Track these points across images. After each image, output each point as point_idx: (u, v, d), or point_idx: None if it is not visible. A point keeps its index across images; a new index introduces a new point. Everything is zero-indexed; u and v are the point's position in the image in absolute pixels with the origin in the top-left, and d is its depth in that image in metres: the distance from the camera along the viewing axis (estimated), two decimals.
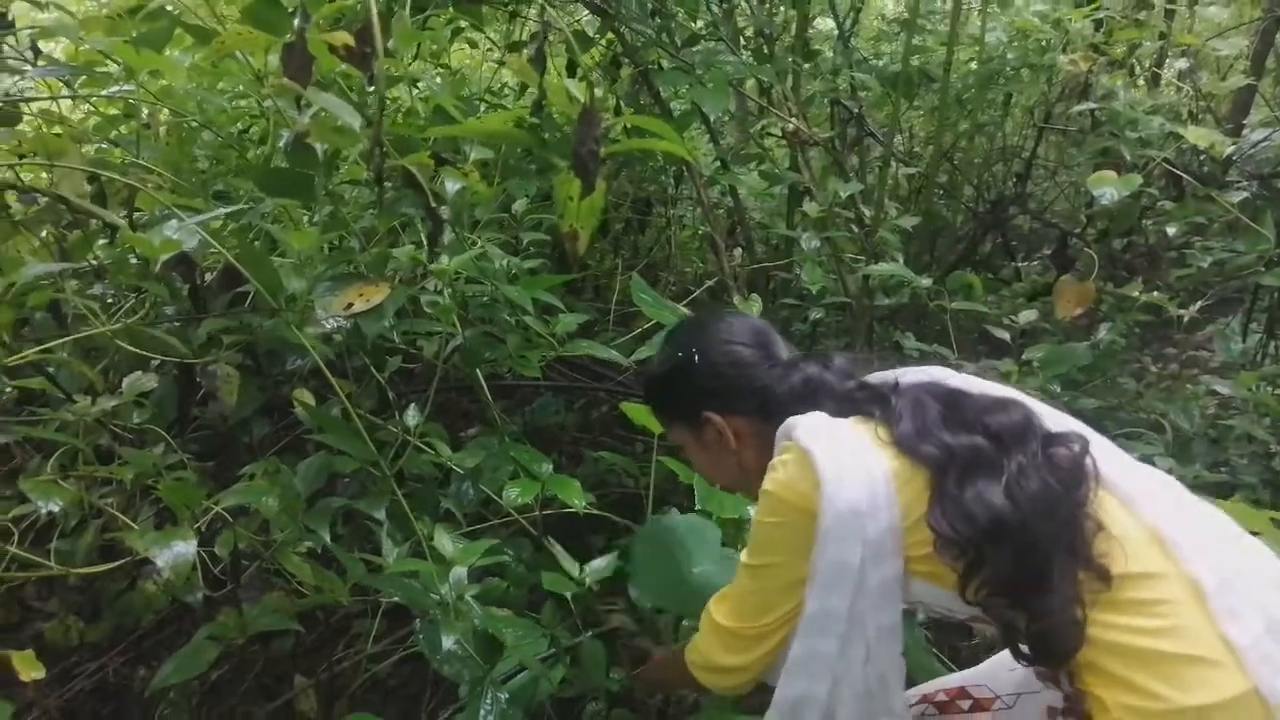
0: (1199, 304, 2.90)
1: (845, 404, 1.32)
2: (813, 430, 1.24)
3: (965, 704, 1.49)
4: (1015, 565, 1.11)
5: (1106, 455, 1.23)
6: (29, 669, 1.15)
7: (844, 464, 1.19)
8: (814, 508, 1.19)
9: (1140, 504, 1.18)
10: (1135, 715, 1.08)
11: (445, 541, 1.57)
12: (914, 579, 1.23)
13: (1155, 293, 2.85)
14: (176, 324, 1.76)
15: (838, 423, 1.27)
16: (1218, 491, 2.42)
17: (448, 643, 1.54)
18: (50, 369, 1.59)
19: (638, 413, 2.02)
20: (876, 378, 1.38)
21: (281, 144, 1.41)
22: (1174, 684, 1.06)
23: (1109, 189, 2.66)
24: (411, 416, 1.66)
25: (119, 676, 1.97)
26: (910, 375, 1.35)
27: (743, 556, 1.32)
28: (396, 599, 1.76)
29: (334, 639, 2.34)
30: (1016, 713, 1.41)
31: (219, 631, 1.46)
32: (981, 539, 1.11)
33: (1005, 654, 1.45)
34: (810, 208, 2.78)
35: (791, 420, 1.28)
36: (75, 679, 1.94)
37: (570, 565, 1.90)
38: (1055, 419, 1.26)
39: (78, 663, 1.94)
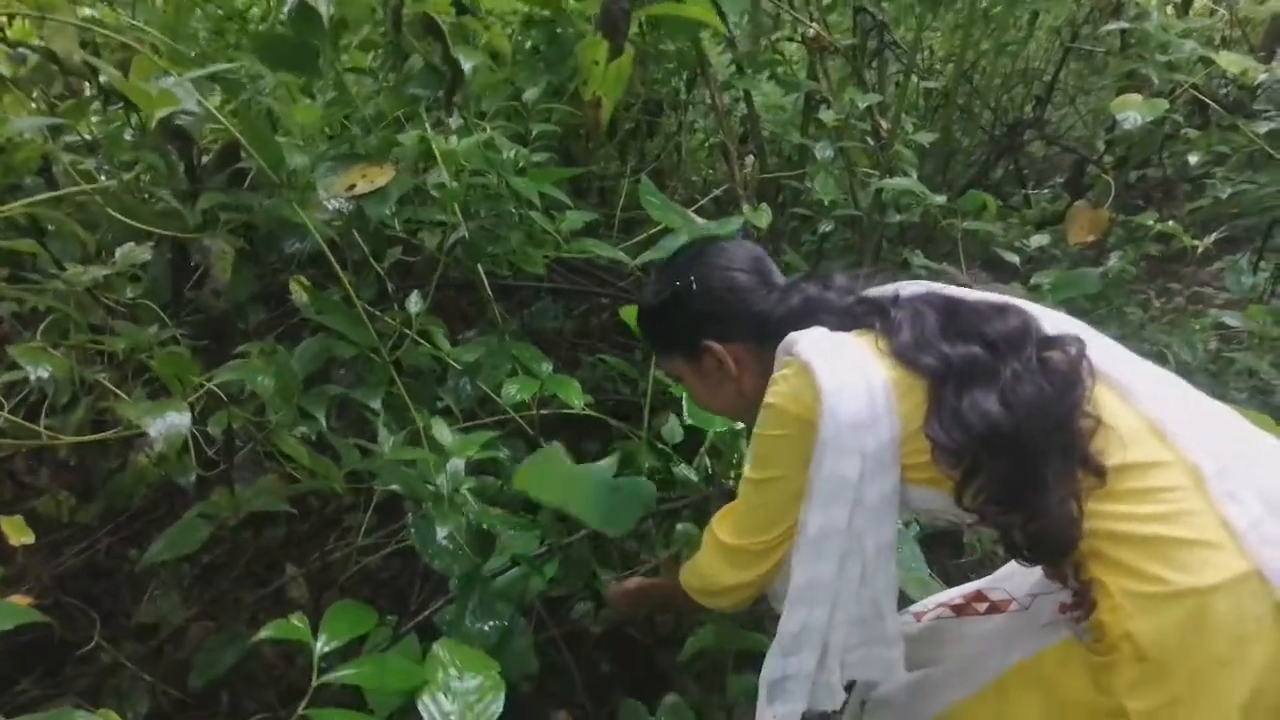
0: (1213, 236, 2.85)
1: (845, 319, 1.32)
2: (813, 344, 1.25)
3: (981, 606, 1.51)
4: (1011, 471, 1.13)
5: (1104, 351, 1.24)
6: (18, 534, 1.13)
7: (844, 376, 1.19)
8: (815, 419, 1.20)
9: (1138, 395, 1.20)
10: (1136, 599, 1.10)
11: (444, 432, 1.55)
12: (911, 486, 1.24)
13: (1171, 223, 2.80)
14: (172, 202, 1.70)
15: (838, 336, 1.28)
16: None
17: (440, 534, 1.53)
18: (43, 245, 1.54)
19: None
20: (875, 291, 1.38)
21: (286, 8, 1.34)
22: (1175, 567, 1.09)
23: (1133, 113, 2.58)
24: (414, 303, 1.62)
25: (111, 556, 1.97)
26: (909, 287, 1.35)
27: (746, 472, 1.33)
28: (389, 492, 1.75)
29: (326, 530, 2.35)
30: (1032, 613, 1.42)
31: (211, 510, 1.44)
32: (978, 447, 1.13)
33: None
34: (826, 115, 2.70)
35: (792, 336, 1.28)
36: (71, 550, 1.94)
37: None
38: (1053, 321, 1.26)
39: (69, 539, 1.94)
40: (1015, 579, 1.49)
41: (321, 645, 1.21)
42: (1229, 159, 3.18)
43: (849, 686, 1.39)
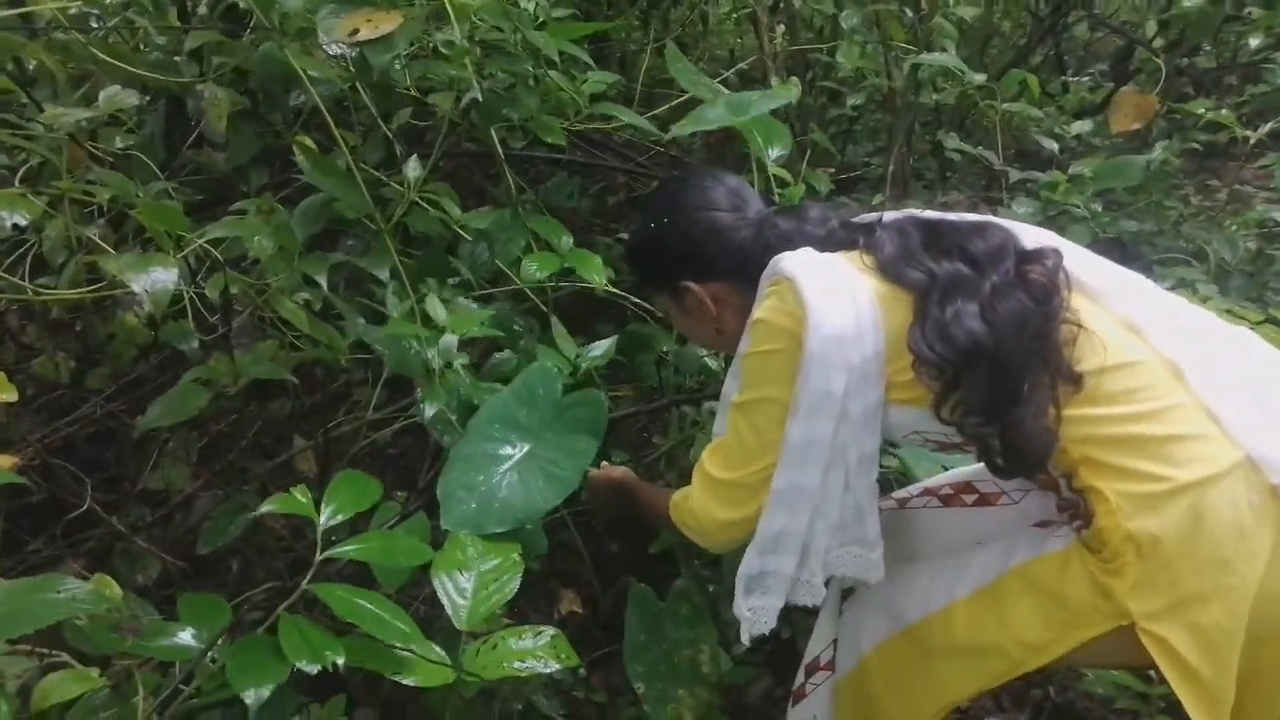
0: (1267, 127, 2.69)
1: (827, 244, 1.32)
2: (800, 261, 1.25)
3: (970, 498, 1.50)
4: (990, 383, 1.14)
5: (1079, 259, 1.27)
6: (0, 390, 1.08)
7: (830, 291, 1.20)
8: (802, 333, 1.20)
9: (1111, 298, 1.22)
10: (1133, 500, 1.11)
11: (436, 306, 1.47)
12: (892, 406, 1.24)
13: (1224, 111, 2.65)
14: (166, 53, 1.60)
15: (824, 255, 1.28)
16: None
17: (429, 411, 1.48)
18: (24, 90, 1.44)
19: None
20: (857, 218, 1.39)
21: None
22: (1166, 463, 1.10)
23: None
24: (412, 168, 1.53)
25: (115, 421, 1.94)
26: (890, 214, 1.35)
27: (734, 399, 1.32)
28: None
29: (334, 404, 2.31)
30: (1024, 508, 1.43)
31: (209, 374, 1.39)
32: (959, 359, 1.14)
33: None
34: None
35: (778, 257, 1.28)
36: (73, 414, 1.91)
37: (568, 346, 1.82)
38: (1034, 236, 1.28)
39: (70, 404, 1.90)
40: None
41: (326, 519, 1.17)
42: None
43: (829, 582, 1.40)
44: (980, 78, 2.44)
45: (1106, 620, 1.15)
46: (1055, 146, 2.72)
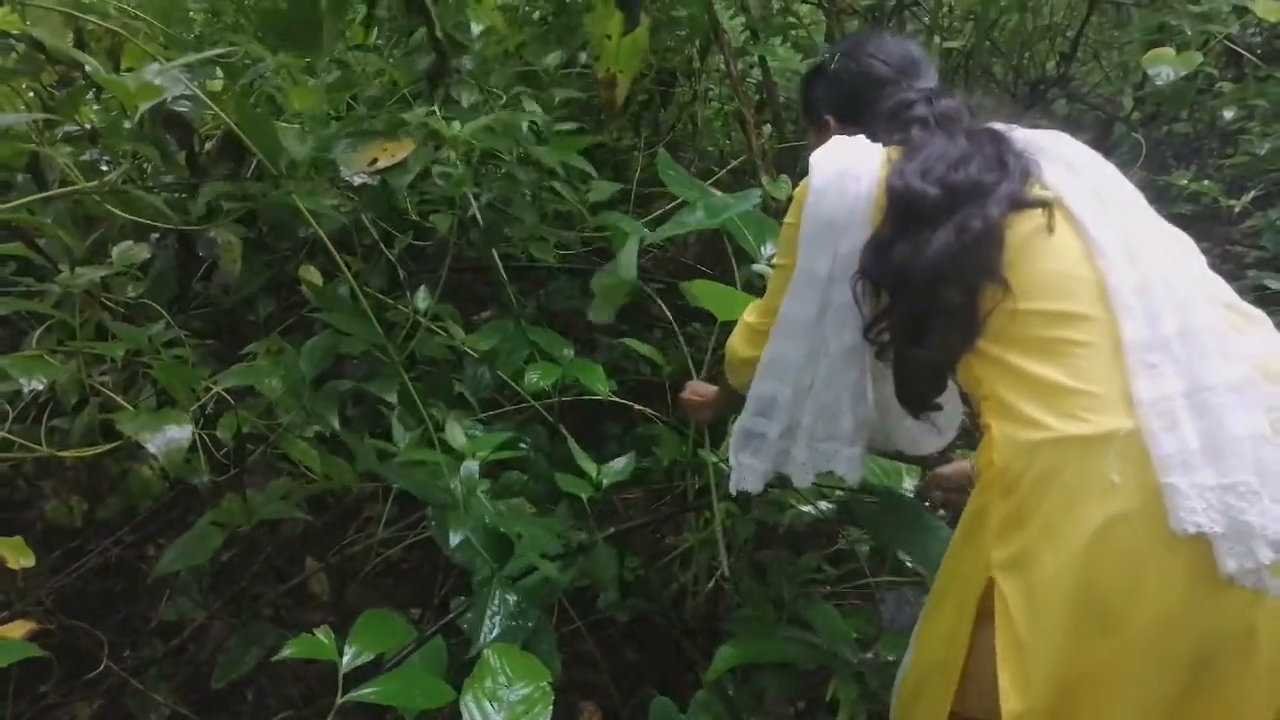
0: (1251, 194, 2.74)
1: (912, 130, 1.32)
2: (831, 146, 1.30)
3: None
4: (906, 316, 1.20)
5: (1103, 203, 1.18)
6: (17, 556, 1.08)
7: (833, 179, 1.25)
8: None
9: (1108, 255, 1.13)
10: (1012, 443, 1.08)
11: (456, 432, 1.49)
12: None
13: (1205, 181, 2.70)
14: (173, 193, 1.64)
15: (860, 143, 1.30)
16: None
17: (454, 539, 1.48)
18: (38, 241, 1.48)
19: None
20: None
21: None
22: (1056, 413, 1.06)
23: (1166, 68, 2.49)
24: (422, 298, 1.56)
25: (128, 555, 1.94)
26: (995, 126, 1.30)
27: (774, 259, 1.44)
28: None
29: (345, 522, 2.30)
30: None
31: (223, 518, 1.39)
32: (891, 284, 1.20)
33: None
34: None
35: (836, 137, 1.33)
36: (87, 556, 1.91)
37: (587, 464, 1.83)
38: (1070, 159, 1.23)
39: (86, 542, 1.90)
40: None
41: (349, 660, 1.16)
42: (1258, 111, 3.06)
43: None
44: None
45: (981, 573, 1.09)
46: None
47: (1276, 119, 3.00)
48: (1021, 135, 1.28)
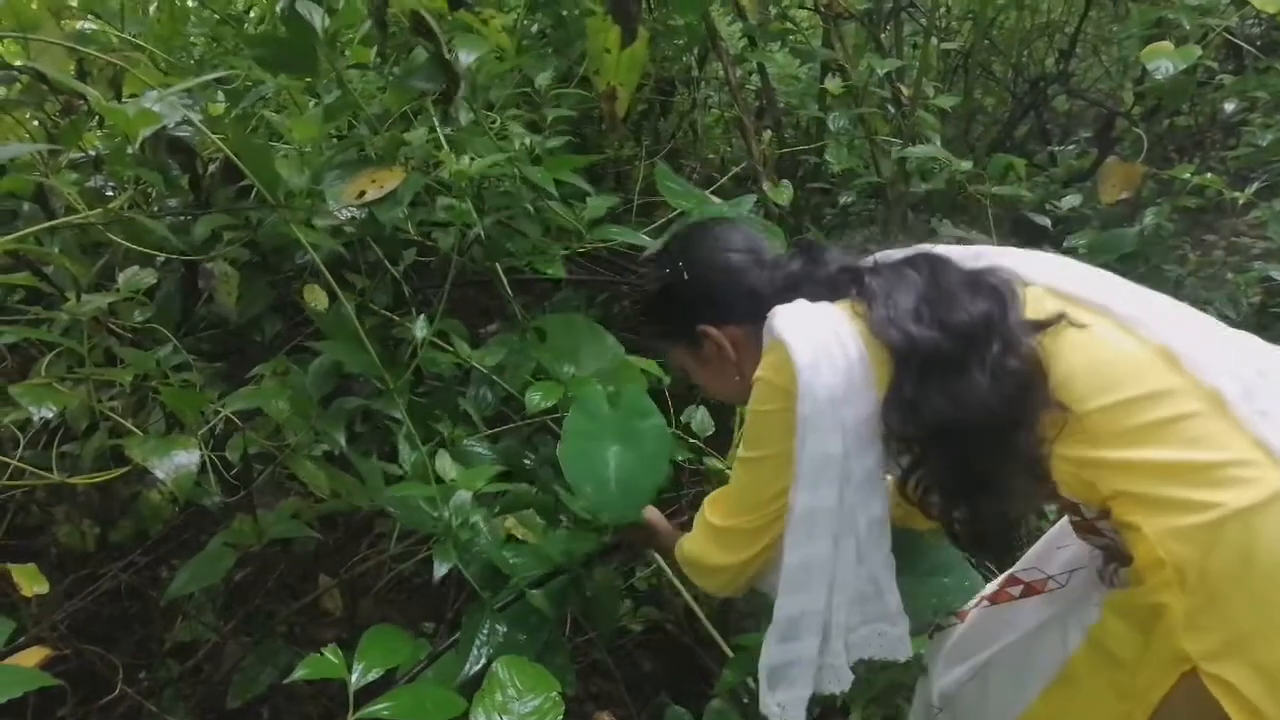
0: (1255, 186, 2.74)
1: (830, 289, 1.29)
2: (789, 318, 1.22)
3: (1015, 590, 1.45)
4: (953, 467, 1.13)
5: (1105, 285, 1.19)
6: (31, 583, 1.09)
7: (820, 351, 1.17)
8: (795, 397, 1.17)
9: (1147, 325, 1.12)
10: (1180, 536, 1.01)
11: (446, 464, 1.47)
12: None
13: (1208, 174, 2.69)
14: (177, 217, 1.65)
15: (819, 307, 1.23)
16: None
17: (440, 570, 1.47)
18: (45, 268, 1.49)
19: None
20: (881, 256, 1.32)
21: (279, 7, 1.28)
22: (1206, 489, 1.00)
23: (1165, 62, 2.48)
24: (420, 329, 1.56)
25: (141, 578, 1.95)
26: (897, 253, 1.30)
27: (739, 452, 1.30)
28: None
29: (357, 538, 2.31)
30: (1070, 590, 1.37)
31: (234, 539, 1.40)
32: (925, 439, 1.12)
33: (1054, 532, 1.45)
34: (832, 85, 2.61)
35: (773, 311, 1.24)
36: (100, 580, 1.92)
37: None
38: (1039, 269, 1.20)
39: (99, 565, 1.91)
40: (1050, 556, 1.43)
41: (358, 677, 1.17)
42: (1259, 103, 3.06)
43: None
44: (966, 164, 2.49)
45: (1167, 669, 1.05)
46: (1048, 222, 2.76)
47: (1278, 110, 3.00)
48: (958, 252, 1.25)
